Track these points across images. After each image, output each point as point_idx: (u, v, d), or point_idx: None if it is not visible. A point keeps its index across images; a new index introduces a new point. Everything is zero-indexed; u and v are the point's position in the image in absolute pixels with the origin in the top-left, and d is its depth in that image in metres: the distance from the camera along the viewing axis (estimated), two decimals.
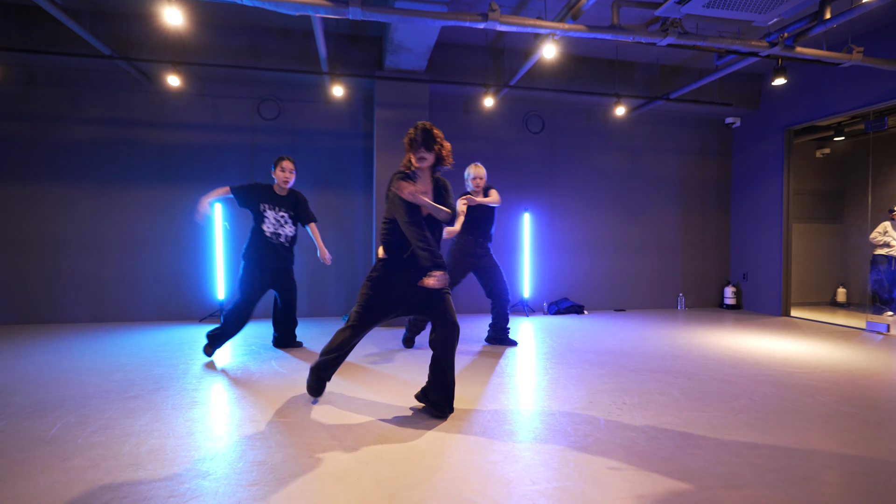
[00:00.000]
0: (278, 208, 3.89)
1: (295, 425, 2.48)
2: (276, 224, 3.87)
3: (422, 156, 2.53)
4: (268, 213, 3.85)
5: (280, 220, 3.89)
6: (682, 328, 5.39)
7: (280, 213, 3.90)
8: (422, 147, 2.53)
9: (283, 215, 3.91)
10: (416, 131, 2.55)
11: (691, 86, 5.81)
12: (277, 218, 3.88)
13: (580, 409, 2.73)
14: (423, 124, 2.56)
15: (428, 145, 2.53)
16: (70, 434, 2.34)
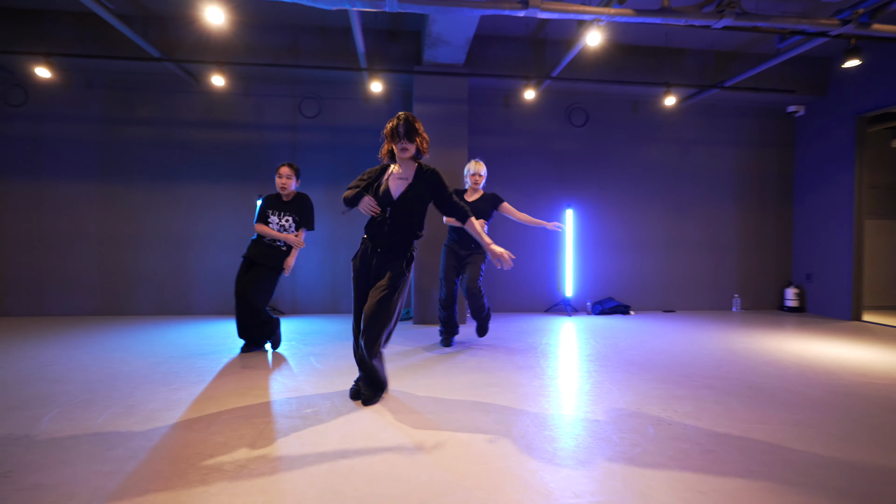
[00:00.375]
0: (282, 214, 3.84)
1: (328, 424, 2.44)
2: (279, 229, 3.82)
3: (404, 146, 2.57)
4: (272, 218, 3.83)
5: (284, 226, 3.83)
6: (738, 331, 5.04)
7: (284, 218, 3.84)
8: (404, 138, 2.56)
9: (287, 219, 3.84)
10: (399, 122, 2.56)
11: (749, 72, 5.42)
12: (282, 224, 3.83)
13: (627, 417, 2.56)
14: (406, 115, 2.59)
15: (410, 136, 2.56)
16: (115, 424, 2.39)
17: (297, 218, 3.87)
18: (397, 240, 2.64)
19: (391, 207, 2.62)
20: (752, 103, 6.52)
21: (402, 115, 2.59)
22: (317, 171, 5.87)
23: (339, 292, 5.96)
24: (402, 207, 2.61)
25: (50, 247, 5.62)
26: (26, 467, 1.94)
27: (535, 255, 6.25)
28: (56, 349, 3.98)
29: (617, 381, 3.19)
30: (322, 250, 5.92)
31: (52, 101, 5.61)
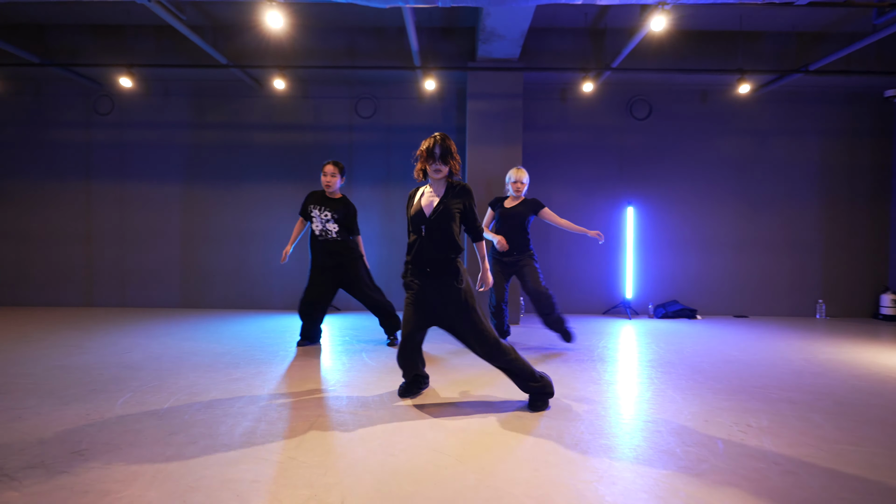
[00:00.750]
0: (323, 209, 3.89)
1: (376, 421, 2.44)
2: (322, 221, 3.87)
3: (438, 168, 2.59)
4: (314, 212, 3.89)
5: (324, 218, 3.87)
6: (823, 340, 4.56)
7: (324, 213, 3.88)
8: (439, 160, 2.58)
9: (326, 214, 3.88)
10: (435, 143, 2.58)
11: (838, 53, 4.89)
12: (323, 217, 3.88)
13: (693, 428, 2.35)
14: (441, 136, 2.59)
15: (444, 159, 2.58)
16: (179, 410, 2.52)
17: (337, 217, 3.91)
18: (440, 258, 2.60)
19: (425, 226, 2.61)
20: (841, 88, 5.89)
21: (438, 136, 2.61)
22: (372, 169, 5.96)
23: (392, 288, 6.03)
24: (436, 224, 2.59)
25: (132, 243, 6.10)
26: (100, 447, 2.07)
27: (593, 255, 6.00)
28: (134, 338, 4.29)
29: (681, 390, 2.97)
30: (374, 248, 6.00)
31: (134, 109, 6.08)
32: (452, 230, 2.60)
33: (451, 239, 2.60)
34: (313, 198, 3.98)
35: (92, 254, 6.12)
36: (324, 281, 3.90)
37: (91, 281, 6.13)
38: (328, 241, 3.90)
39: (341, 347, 4.03)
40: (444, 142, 2.58)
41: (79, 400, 2.66)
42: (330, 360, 3.59)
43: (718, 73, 5.24)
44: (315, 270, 3.93)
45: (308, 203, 3.96)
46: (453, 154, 2.61)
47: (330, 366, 3.45)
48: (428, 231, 2.60)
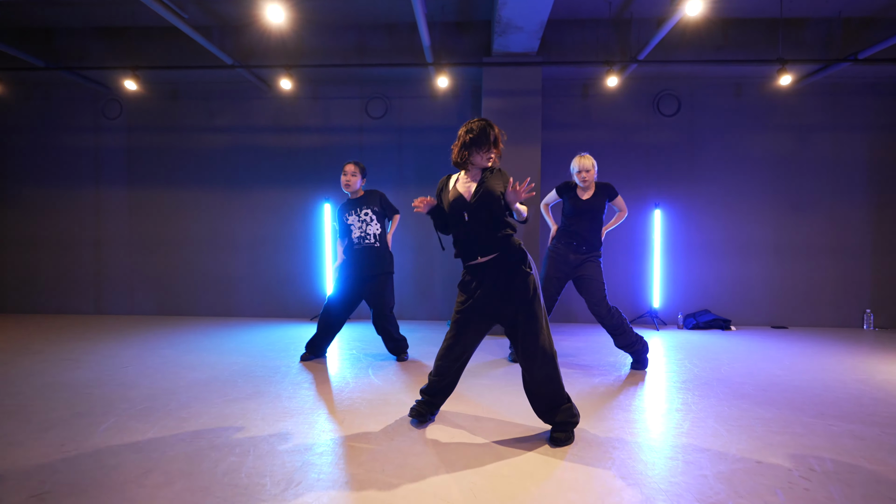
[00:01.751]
0: (360, 209, 3.68)
1: (379, 460, 2.16)
2: (362, 226, 3.65)
3: (488, 155, 2.39)
4: (350, 219, 3.68)
5: (365, 220, 3.66)
6: (875, 356, 4.12)
7: (363, 212, 3.67)
8: (492, 147, 2.38)
9: (366, 213, 3.67)
10: (489, 128, 2.36)
11: (890, 40, 4.43)
12: (363, 218, 3.66)
13: (744, 474, 2.01)
14: (489, 122, 2.39)
15: (496, 145, 2.40)
16: (162, 441, 2.29)
17: (376, 208, 3.69)
18: (493, 240, 2.32)
19: (468, 211, 2.36)
20: (891, 79, 5.40)
21: (485, 121, 2.39)
22: (384, 172, 5.71)
23: (404, 298, 5.76)
24: (480, 207, 2.33)
25: (142, 249, 5.97)
26: (64, 488, 1.85)
27: (617, 261, 5.63)
28: (135, 349, 4.11)
29: (724, 420, 2.61)
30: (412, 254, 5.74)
31: (143, 113, 5.96)
32: (499, 210, 2.33)
33: (498, 218, 2.34)
34: (345, 207, 3.74)
35: (101, 260, 6.01)
36: (355, 292, 3.66)
37: (100, 288, 6.02)
38: (364, 249, 3.65)
39: (346, 362, 3.78)
40: (493, 128, 2.38)
41: (59, 426, 2.46)
42: (332, 379, 3.34)
43: (756, 63, 4.82)
44: (348, 280, 3.67)
45: (342, 213, 3.73)
46: (500, 141, 2.42)
47: (332, 385, 3.19)
48: (472, 216, 2.34)
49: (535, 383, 2.32)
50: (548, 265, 3.63)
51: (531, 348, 2.28)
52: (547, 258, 3.66)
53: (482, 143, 2.34)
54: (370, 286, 3.65)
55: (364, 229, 3.65)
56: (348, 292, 3.66)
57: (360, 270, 3.64)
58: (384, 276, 3.66)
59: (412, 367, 3.67)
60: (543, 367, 2.29)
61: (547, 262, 3.65)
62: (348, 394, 3.01)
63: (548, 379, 2.31)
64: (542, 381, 2.31)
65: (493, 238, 2.32)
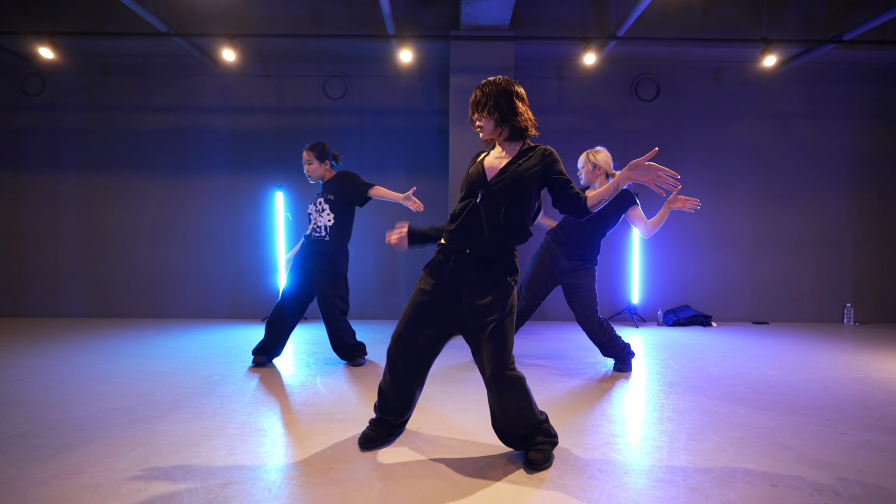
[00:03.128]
0: (317, 198, 3.28)
1: (310, 491, 1.70)
2: (315, 215, 3.24)
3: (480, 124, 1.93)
4: (310, 207, 3.30)
5: (318, 209, 3.24)
6: (865, 353, 3.89)
7: (318, 203, 3.25)
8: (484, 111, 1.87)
9: (320, 203, 3.24)
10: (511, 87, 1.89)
11: (874, 21, 4.23)
12: (317, 209, 3.25)
13: (758, 500, 1.64)
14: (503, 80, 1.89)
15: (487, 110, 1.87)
16: (24, 479, 1.77)
17: (331, 197, 3.23)
18: (495, 238, 1.84)
19: (483, 191, 1.85)
20: (872, 65, 5.23)
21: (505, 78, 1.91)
22: (344, 158, 5.18)
23: (364, 296, 5.29)
24: (499, 193, 1.84)
25: (67, 243, 5.30)
26: None
27: None
28: (41, 357, 3.51)
29: (724, 432, 2.25)
30: None
31: (69, 90, 5.28)
32: (520, 205, 1.84)
33: (514, 216, 1.84)
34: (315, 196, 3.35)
35: (21, 256, 5.30)
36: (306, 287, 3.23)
37: (20, 287, 5.31)
38: (315, 242, 3.21)
39: (293, 369, 3.29)
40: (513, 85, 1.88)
41: None
42: (272, 389, 2.84)
43: (738, 44, 4.55)
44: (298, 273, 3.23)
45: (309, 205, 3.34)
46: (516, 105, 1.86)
47: (269, 397, 2.70)
48: (485, 199, 1.84)
49: (505, 418, 1.89)
50: (537, 262, 3.22)
51: (497, 375, 1.83)
52: (537, 255, 3.25)
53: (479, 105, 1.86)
54: (319, 284, 3.21)
55: (316, 220, 3.23)
56: (299, 286, 3.23)
57: (309, 264, 3.22)
58: (333, 275, 3.19)
59: (368, 373, 3.21)
60: (514, 398, 1.85)
61: (537, 259, 3.24)
62: (288, 408, 2.53)
63: (518, 409, 1.87)
64: (514, 412, 1.87)
65: (498, 237, 1.84)
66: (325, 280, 3.18)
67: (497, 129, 1.89)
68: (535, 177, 1.85)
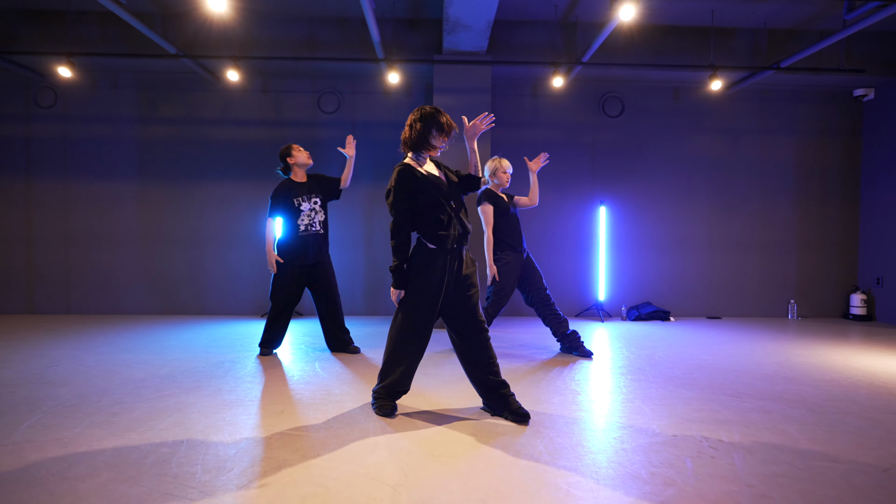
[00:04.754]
0: (309, 196, 3.71)
1: (315, 445, 2.18)
2: (310, 212, 3.69)
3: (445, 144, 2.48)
4: (303, 204, 3.69)
5: (313, 207, 3.70)
6: (795, 342, 4.46)
7: (313, 200, 3.72)
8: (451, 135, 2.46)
9: (316, 201, 3.72)
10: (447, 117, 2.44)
11: (809, 50, 4.81)
12: (311, 205, 3.70)
13: (660, 445, 2.16)
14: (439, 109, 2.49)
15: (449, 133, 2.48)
16: (90, 436, 2.22)
17: (322, 197, 3.75)
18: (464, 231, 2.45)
19: (454, 200, 2.45)
20: (812, 87, 5.85)
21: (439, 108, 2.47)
22: (338, 168, 5.68)
23: (357, 293, 5.76)
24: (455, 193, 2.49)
25: (78, 246, 5.69)
26: None
27: (564, 255, 5.84)
28: (67, 349, 3.93)
29: (651, 400, 2.78)
30: (341, 249, 5.72)
31: (79, 102, 5.68)
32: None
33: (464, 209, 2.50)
34: (293, 190, 3.68)
35: (33, 257, 5.69)
36: (299, 281, 3.69)
37: (32, 286, 5.70)
38: (310, 236, 3.66)
39: (293, 357, 3.76)
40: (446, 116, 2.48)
41: None
42: (276, 373, 3.32)
43: (690, 69, 5.11)
44: (291, 270, 3.66)
45: (289, 197, 3.66)
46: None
47: (276, 379, 3.17)
48: (456, 204, 2.45)
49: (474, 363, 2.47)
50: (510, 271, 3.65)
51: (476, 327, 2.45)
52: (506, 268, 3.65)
53: (442, 127, 2.40)
54: (316, 274, 3.69)
55: (312, 219, 3.68)
56: (293, 278, 3.67)
57: (305, 257, 3.65)
58: (328, 259, 3.76)
59: (359, 360, 3.69)
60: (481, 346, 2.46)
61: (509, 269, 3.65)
62: (292, 386, 3.00)
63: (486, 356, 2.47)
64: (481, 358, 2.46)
65: (467, 230, 2.45)
66: (326, 266, 3.70)
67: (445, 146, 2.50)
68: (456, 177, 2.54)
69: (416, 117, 2.39)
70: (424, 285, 2.40)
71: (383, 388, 2.53)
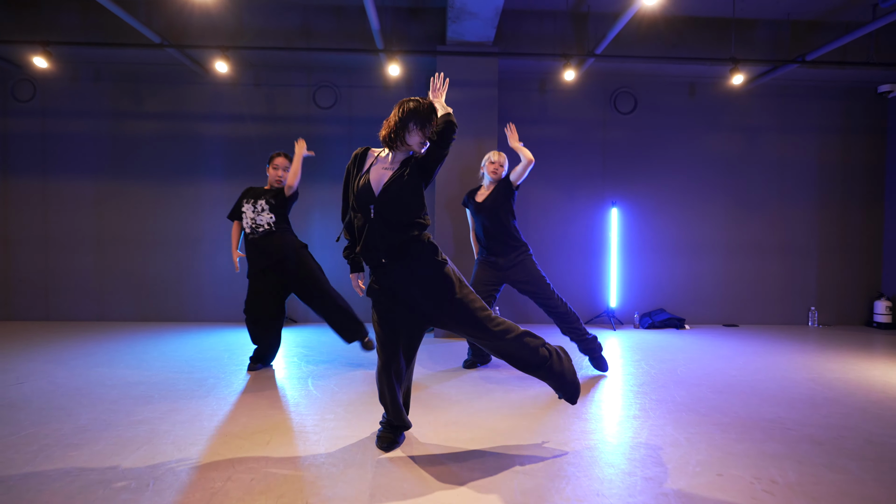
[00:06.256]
0: (256, 200, 3.38)
1: (303, 475, 1.87)
2: (252, 215, 3.35)
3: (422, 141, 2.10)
4: (245, 207, 3.39)
5: (257, 209, 3.36)
6: (822, 354, 4.16)
7: (258, 203, 3.37)
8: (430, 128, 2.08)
9: (260, 203, 3.36)
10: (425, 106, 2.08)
11: (836, 43, 4.52)
12: (255, 207, 3.37)
13: (706, 489, 1.86)
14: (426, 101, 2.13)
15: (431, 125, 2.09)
16: (39, 476, 1.90)
17: (274, 202, 3.37)
18: (399, 241, 2.03)
19: (374, 206, 2.03)
20: (834, 83, 5.55)
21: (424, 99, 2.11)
22: (334, 165, 5.36)
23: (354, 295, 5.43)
24: (391, 204, 2.03)
25: (58, 247, 5.36)
26: None
27: (574, 259, 5.53)
28: (38, 362, 3.60)
29: (683, 426, 2.48)
30: (331, 252, 5.40)
31: (60, 96, 5.35)
32: (413, 204, 2.04)
33: (411, 216, 2.04)
34: (248, 193, 3.45)
35: (9, 260, 5.35)
36: (265, 287, 3.32)
37: (9, 291, 5.36)
38: (259, 238, 3.32)
39: (285, 372, 3.44)
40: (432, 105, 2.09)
41: None
42: (266, 392, 3.00)
43: (709, 62, 4.81)
44: (252, 277, 3.36)
45: (241, 200, 3.43)
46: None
47: (264, 400, 2.85)
48: (378, 212, 2.02)
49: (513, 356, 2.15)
50: (478, 272, 3.42)
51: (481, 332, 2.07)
52: (477, 267, 3.47)
53: (426, 120, 2.05)
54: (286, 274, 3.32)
55: (255, 220, 3.35)
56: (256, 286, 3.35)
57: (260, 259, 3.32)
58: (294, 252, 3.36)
59: (358, 376, 3.38)
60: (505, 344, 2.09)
61: (478, 270, 3.45)
62: (281, 409, 2.69)
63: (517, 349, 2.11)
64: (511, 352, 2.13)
65: (402, 236, 2.02)
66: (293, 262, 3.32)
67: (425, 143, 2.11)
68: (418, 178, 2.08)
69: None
70: (375, 303, 2.12)
71: (385, 418, 2.24)
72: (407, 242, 2.03)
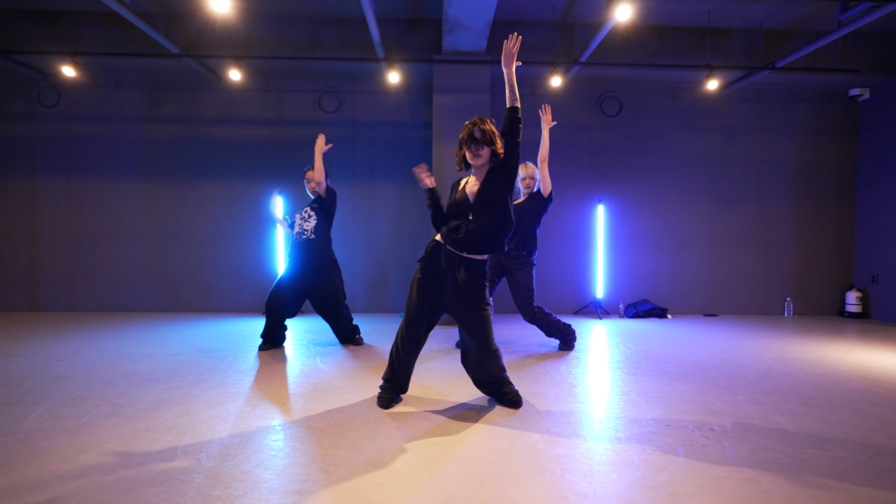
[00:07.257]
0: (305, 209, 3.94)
1: (317, 435, 2.24)
2: (301, 220, 3.88)
3: (478, 153, 2.44)
4: (296, 216, 3.96)
5: (304, 216, 3.88)
6: (790, 339, 4.52)
7: (305, 211, 3.92)
8: (486, 146, 2.43)
9: (307, 211, 3.90)
10: (475, 127, 2.43)
11: (804, 49, 4.88)
12: (302, 214, 3.91)
13: (653, 434, 2.22)
14: (480, 119, 2.45)
15: (487, 142, 2.42)
16: (97, 425, 2.28)
17: (317, 206, 3.89)
18: (481, 246, 2.45)
19: (472, 212, 2.46)
20: (808, 87, 5.91)
21: (479, 117, 2.46)
22: (338, 167, 5.74)
23: (357, 290, 5.81)
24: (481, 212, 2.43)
25: (81, 244, 5.75)
26: None
27: (564, 253, 5.89)
28: (72, 344, 3.99)
29: (646, 393, 2.84)
30: (342, 248, 5.77)
31: (83, 102, 5.74)
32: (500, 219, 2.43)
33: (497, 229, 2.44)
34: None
35: (36, 255, 5.75)
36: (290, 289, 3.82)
37: (35, 284, 5.75)
38: (301, 243, 3.84)
39: (295, 351, 3.81)
40: (485, 122, 2.42)
41: None
42: (279, 366, 3.37)
43: (687, 69, 5.17)
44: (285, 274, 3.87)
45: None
46: (496, 136, 2.43)
47: (278, 372, 3.23)
48: (476, 217, 2.43)
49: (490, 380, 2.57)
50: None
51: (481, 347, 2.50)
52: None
53: (472, 140, 2.42)
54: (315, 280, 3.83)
55: (302, 226, 3.86)
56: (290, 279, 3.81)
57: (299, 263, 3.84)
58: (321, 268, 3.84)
59: (360, 354, 3.75)
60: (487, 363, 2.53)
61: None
62: (294, 380, 3.06)
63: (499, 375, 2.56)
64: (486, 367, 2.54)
65: (486, 245, 2.44)
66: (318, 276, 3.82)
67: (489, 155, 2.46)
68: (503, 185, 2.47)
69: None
70: (419, 280, 2.51)
71: (387, 381, 2.60)
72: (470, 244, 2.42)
